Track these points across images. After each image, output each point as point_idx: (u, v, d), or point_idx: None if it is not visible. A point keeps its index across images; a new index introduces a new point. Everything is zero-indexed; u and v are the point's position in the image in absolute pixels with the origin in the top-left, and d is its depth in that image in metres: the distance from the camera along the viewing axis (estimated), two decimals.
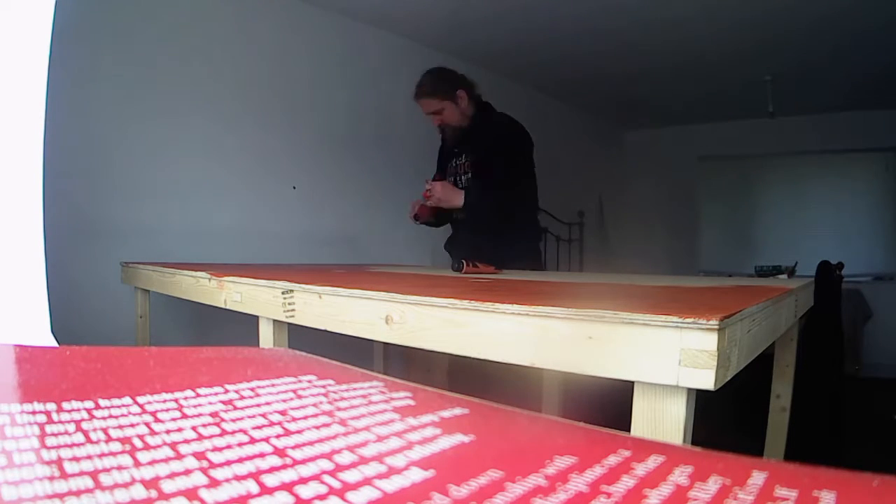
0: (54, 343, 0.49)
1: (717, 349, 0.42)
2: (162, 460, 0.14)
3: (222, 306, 0.96)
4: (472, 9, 2.47)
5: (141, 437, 0.15)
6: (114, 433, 0.16)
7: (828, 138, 3.91)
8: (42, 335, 0.52)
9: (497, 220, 1.70)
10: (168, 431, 0.16)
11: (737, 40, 2.70)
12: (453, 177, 1.83)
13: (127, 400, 0.19)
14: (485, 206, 1.68)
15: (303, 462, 0.14)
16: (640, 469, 0.14)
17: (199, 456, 0.14)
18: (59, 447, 0.14)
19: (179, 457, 0.14)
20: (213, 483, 0.13)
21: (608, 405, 0.81)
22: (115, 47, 1.80)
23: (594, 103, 3.94)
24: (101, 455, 0.14)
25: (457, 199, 1.68)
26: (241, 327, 1.00)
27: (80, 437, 0.15)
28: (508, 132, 1.77)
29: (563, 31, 2.69)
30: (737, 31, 2.60)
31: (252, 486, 0.13)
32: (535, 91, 3.56)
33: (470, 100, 1.78)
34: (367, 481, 0.13)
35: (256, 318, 0.87)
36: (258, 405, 0.19)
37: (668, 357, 0.43)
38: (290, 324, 0.82)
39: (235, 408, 0.19)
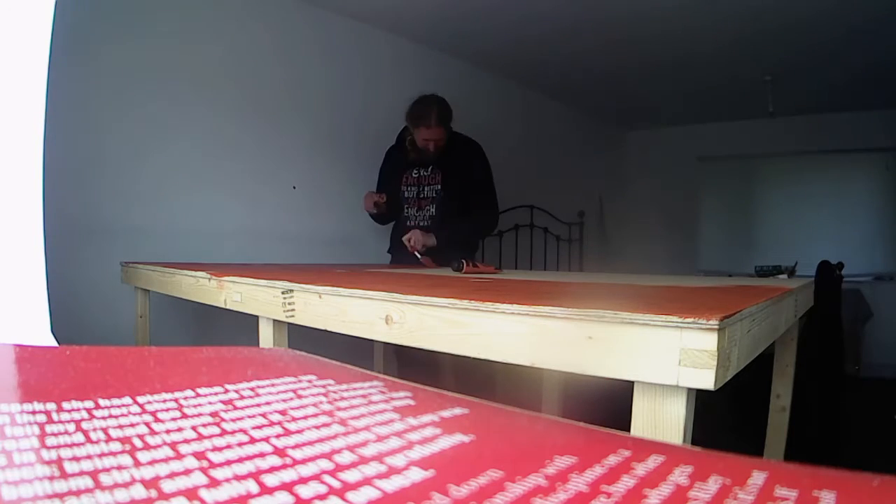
0: (54, 343, 0.49)
1: (717, 349, 0.42)
2: (162, 460, 0.14)
3: (222, 306, 0.96)
4: (473, 10, 2.47)
5: (141, 436, 0.15)
6: (114, 433, 0.16)
7: (828, 138, 3.91)
8: (42, 335, 0.52)
9: (462, 243, 1.98)
10: (168, 431, 0.16)
11: (737, 40, 2.70)
12: (416, 187, 2.04)
13: (127, 400, 0.19)
14: (456, 241, 1.93)
15: (303, 462, 0.14)
16: (640, 469, 0.14)
17: (199, 456, 0.14)
18: (59, 447, 0.14)
19: (179, 457, 0.14)
20: (213, 483, 0.13)
21: (608, 405, 0.81)
22: (115, 47, 1.80)
23: (594, 104, 3.94)
24: (101, 455, 0.14)
25: (430, 241, 1.92)
26: (241, 327, 1.00)
27: (80, 437, 0.15)
28: (478, 152, 2.02)
29: (564, 33, 2.69)
30: (737, 31, 2.60)
31: (252, 486, 0.13)
32: (536, 91, 3.56)
33: None
34: (367, 481, 0.13)
35: (256, 318, 0.87)
36: (258, 405, 0.19)
37: (668, 357, 0.43)
38: (290, 324, 0.82)
39: (235, 408, 0.19)
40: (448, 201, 1.99)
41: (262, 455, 0.15)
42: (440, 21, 2.58)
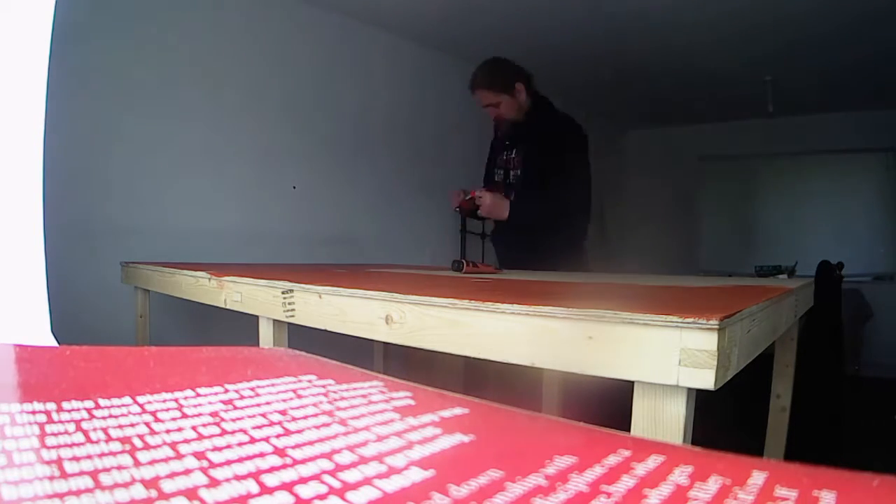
0: (54, 343, 0.49)
1: (717, 349, 0.42)
2: (162, 460, 0.14)
3: (222, 306, 0.96)
4: (474, 11, 2.47)
5: (141, 436, 0.15)
6: (114, 433, 0.15)
7: (828, 138, 3.91)
8: (42, 335, 0.52)
9: (540, 228, 1.70)
10: (168, 431, 0.16)
11: (737, 40, 2.70)
12: (503, 169, 1.82)
13: (127, 400, 0.19)
14: (528, 220, 1.69)
15: (303, 462, 0.14)
16: (640, 469, 0.14)
17: (199, 456, 0.14)
18: (59, 447, 0.14)
19: (179, 456, 0.14)
20: (213, 483, 0.13)
21: (608, 405, 0.81)
22: (115, 47, 1.80)
23: (594, 103, 3.94)
24: (101, 455, 0.14)
25: (503, 212, 1.69)
26: (241, 327, 1.00)
27: (80, 437, 0.15)
28: (563, 132, 1.73)
29: (564, 32, 2.69)
30: (737, 31, 2.60)
31: (252, 486, 0.13)
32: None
33: (527, 94, 1.74)
34: (367, 481, 0.13)
35: (256, 317, 0.87)
36: (258, 405, 0.19)
37: (668, 357, 0.43)
38: (290, 323, 0.82)
39: (235, 407, 0.19)
40: (524, 188, 1.72)
41: (262, 455, 0.15)
42: (440, 21, 2.58)
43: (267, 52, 2.22)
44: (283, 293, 0.80)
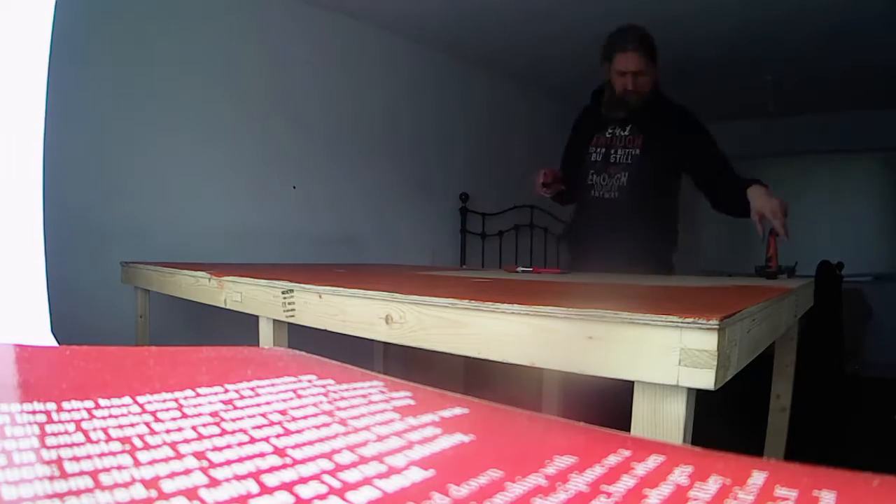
0: (54, 343, 0.49)
1: (717, 349, 0.42)
2: (162, 460, 0.14)
3: (222, 306, 0.96)
4: (474, 11, 2.47)
5: (141, 436, 0.15)
6: (114, 433, 0.16)
7: (828, 138, 3.91)
8: (42, 335, 0.52)
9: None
10: (168, 431, 0.16)
11: (737, 40, 2.70)
12: (604, 148, 1.64)
13: (127, 400, 0.19)
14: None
15: (303, 462, 0.14)
16: (640, 469, 0.14)
17: (199, 455, 0.14)
18: (59, 447, 0.14)
19: (179, 456, 0.14)
20: (213, 483, 0.13)
21: (608, 405, 0.81)
22: (115, 47, 1.80)
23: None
24: (101, 455, 0.14)
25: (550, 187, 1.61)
26: (241, 327, 1.00)
27: (80, 437, 0.15)
28: (694, 117, 1.64)
29: (564, 32, 2.69)
30: (737, 31, 2.60)
31: (252, 486, 0.13)
32: (536, 92, 3.56)
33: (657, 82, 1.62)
34: (367, 481, 0.13)
35: (256, 317, 0.87)
36: (258, 405, 0.19)
37: (668, 357, 0.43)
38: (290, 323, 0.82)
39: (235, 407, 0.19)
40: (644, 172, 1.56)
41: (262, 455, 0.15)
42: (439, 21, 2.58)
43: (267, 52, 2.22)
44: (283, 293, 0.80)
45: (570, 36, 2.73)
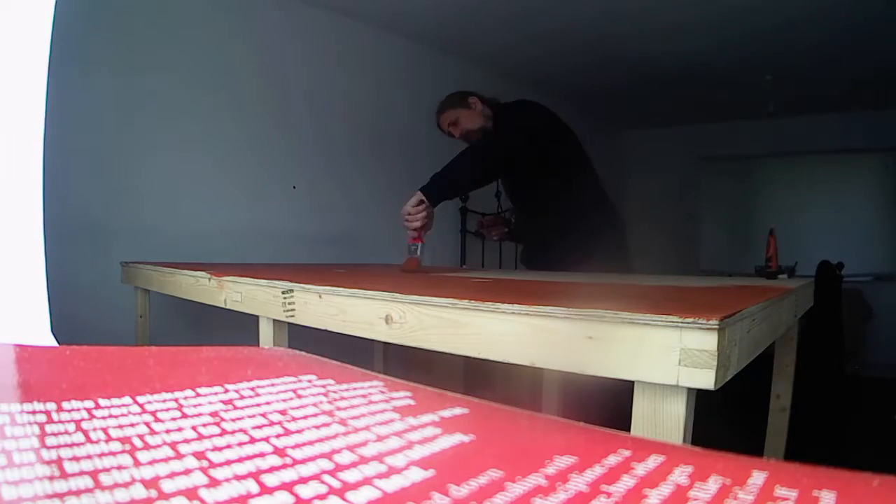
0: (54, 343, 0.49)
1: (717, 349, 0.42)
2: (162, 460, 0.14)
3: (222, 306, 0.96)
4: (472, 10, 2.47)
5: (141, 436, 0.15)
6: (114, 433, 0.15)
7: (828, 138, 3.91)
8: (42, 335, 0.52)
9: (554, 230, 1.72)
10: (168, 431, 0.16)
11: (737, 40, 2.70)
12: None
13: (127, 400, 0.19)
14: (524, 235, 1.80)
15: (303, 462, 0.14)
16: (640, 469, 0.14)
17: (199, 455, 0.14)
18: (59, 447, 0.14)
19: (179, 456, 0.14)
20: (213, 483, 0.13)
21: (608, 404, 0.81)
22: (114, 47, 1.80)
23: (594, 103, 3.94)
24: (101, 455, 0.14)
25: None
26: (241, 327, 1.00)
27: (80, 437, 0.15)
28: (510, 116, 1.68)
29: (564, 32, 2.69)
30: (737, 31, 2.60)
31: (252, 486, 0.13)
32: (535, 92, 3.56)
33: (484, 103, 1.74)
34: (367, 481, 0.13)
35: (256, 317, 0.87)
36: (258, 405, 0.19)
37: (668, 357, 0.43)
38: (290, 323, 0.82)
39: (235, 407, 0.19)
40: (508, 189, 1.85)
41: (262, 455, 0.15)
42: (439, 21, 2.58)
43: (264, 52, 2.22)
44: (283, 293, 0.80)
45: (567, 34, 2.73)
